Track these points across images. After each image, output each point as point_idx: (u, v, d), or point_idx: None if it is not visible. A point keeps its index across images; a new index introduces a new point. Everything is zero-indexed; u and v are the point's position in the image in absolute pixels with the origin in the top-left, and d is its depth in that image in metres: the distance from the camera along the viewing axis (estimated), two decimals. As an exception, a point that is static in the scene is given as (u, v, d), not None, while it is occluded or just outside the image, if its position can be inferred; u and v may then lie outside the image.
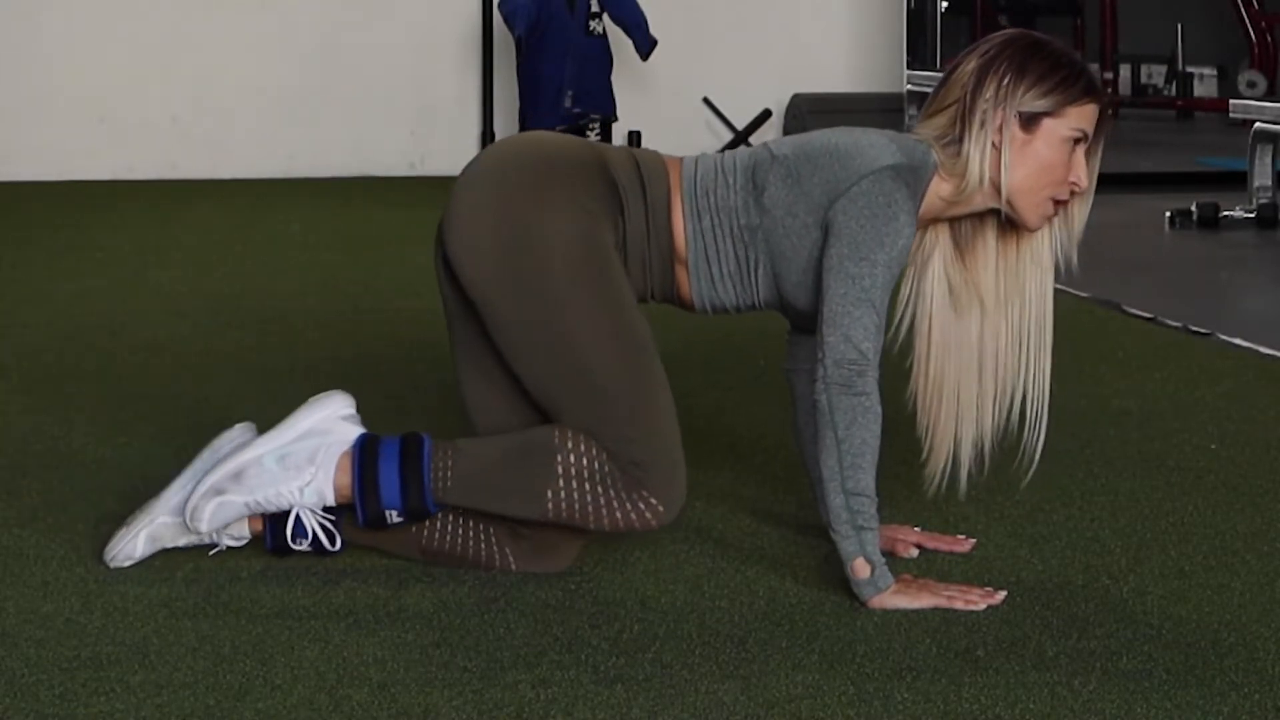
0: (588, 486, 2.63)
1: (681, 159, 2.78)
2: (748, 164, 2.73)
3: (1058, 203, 2.72)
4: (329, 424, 2.73)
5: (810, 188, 2.67)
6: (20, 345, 4.58)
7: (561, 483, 2.64)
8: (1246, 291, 5.99)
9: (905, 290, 2.80)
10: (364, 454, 2.69)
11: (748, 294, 2.75)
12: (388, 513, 2.69)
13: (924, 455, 2.82)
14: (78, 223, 7.24)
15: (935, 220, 2.77)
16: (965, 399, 2.80)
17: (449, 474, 2.67)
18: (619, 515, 2.64)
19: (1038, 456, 2.80)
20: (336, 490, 2.70)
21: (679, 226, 2.72)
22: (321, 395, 2.77)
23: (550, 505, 2.64)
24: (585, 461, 2.63)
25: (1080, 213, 2.77)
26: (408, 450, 2.68)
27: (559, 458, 2.63)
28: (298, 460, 2.70)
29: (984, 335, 2.79)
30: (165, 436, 3.56)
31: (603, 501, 2.63)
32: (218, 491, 2.70)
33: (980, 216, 2.77)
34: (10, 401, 3.93)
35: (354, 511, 2.72)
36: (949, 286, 2.79)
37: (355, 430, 2.74)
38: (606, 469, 2.63)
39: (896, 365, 2.82)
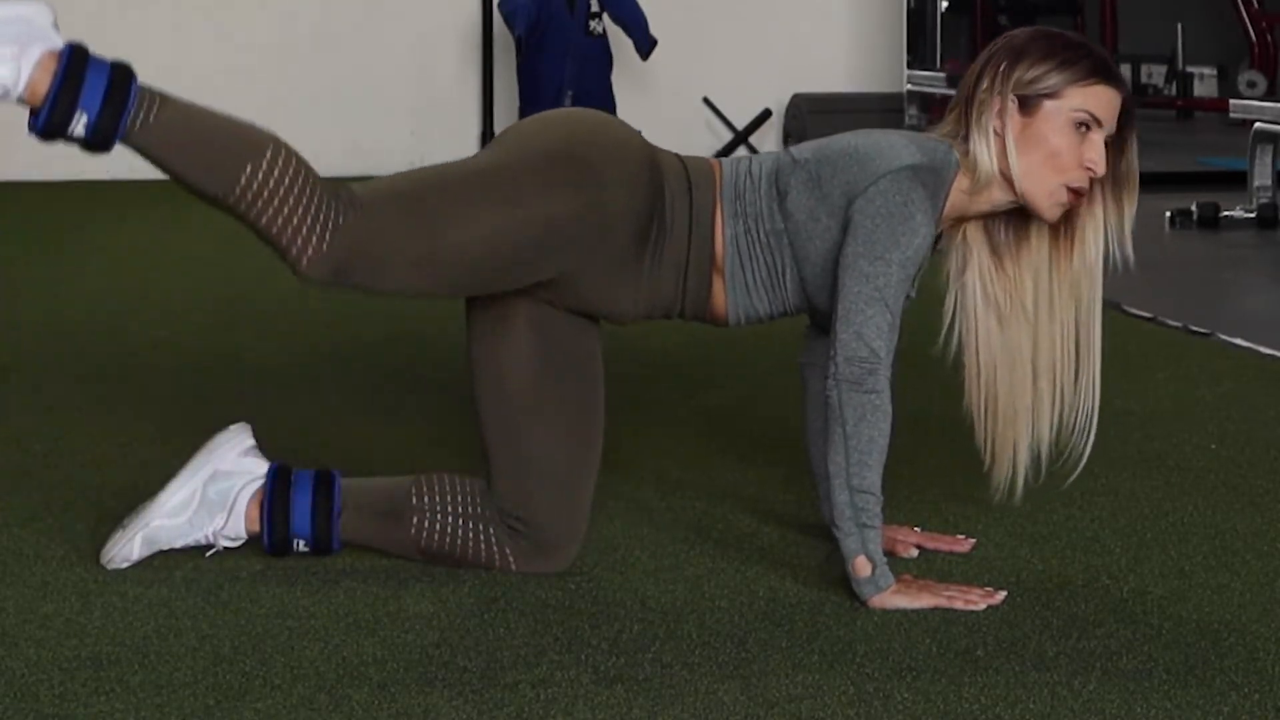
0: (285, 184, 2.55)
1: (721, 161, 2.78)
2: (771, 169, 2.73)
3: (1074, 192, 2.70)
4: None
5: (830, 190, 2.67)
6: (20, 345, 4.58)
7: (264, 167, 2.55)
8: (1246, 291, 5.99)
9: (949, 303, 2.79)
10: (71, 64, 2.54)
11: (779, 300, 2.75)
12: (77, 116, 2.54)
13: (986, 465, 2.81)
14: (78, 223, 7.24)
15: (963, 218, 2.75)
16: (1022, 407, 2.78)
17: (151, 113, 2.57)
18: (296, 220, 2.55)
19: (1085, 460, 2.80)
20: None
21: (719, 233, 2.72)
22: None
23: (239, 188, 2.54)
24: (295, 165, 2.56)
25: (1128, 208, 2.73)
26: (118, 75, 2.56)
27: (270, 149, 2.56)
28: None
29: (1039, 346, 2.77)
30: (165, 436, 3.56)
31: (292, 202, 2.55)
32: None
33: (1021, 227, 2.76)
34: (10, 401, 3.93)
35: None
36: (990, 299, 2.77)
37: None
38: (313, 183, 2.57)
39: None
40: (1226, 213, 7.00)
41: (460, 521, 2.75)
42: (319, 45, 8.92)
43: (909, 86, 9.14)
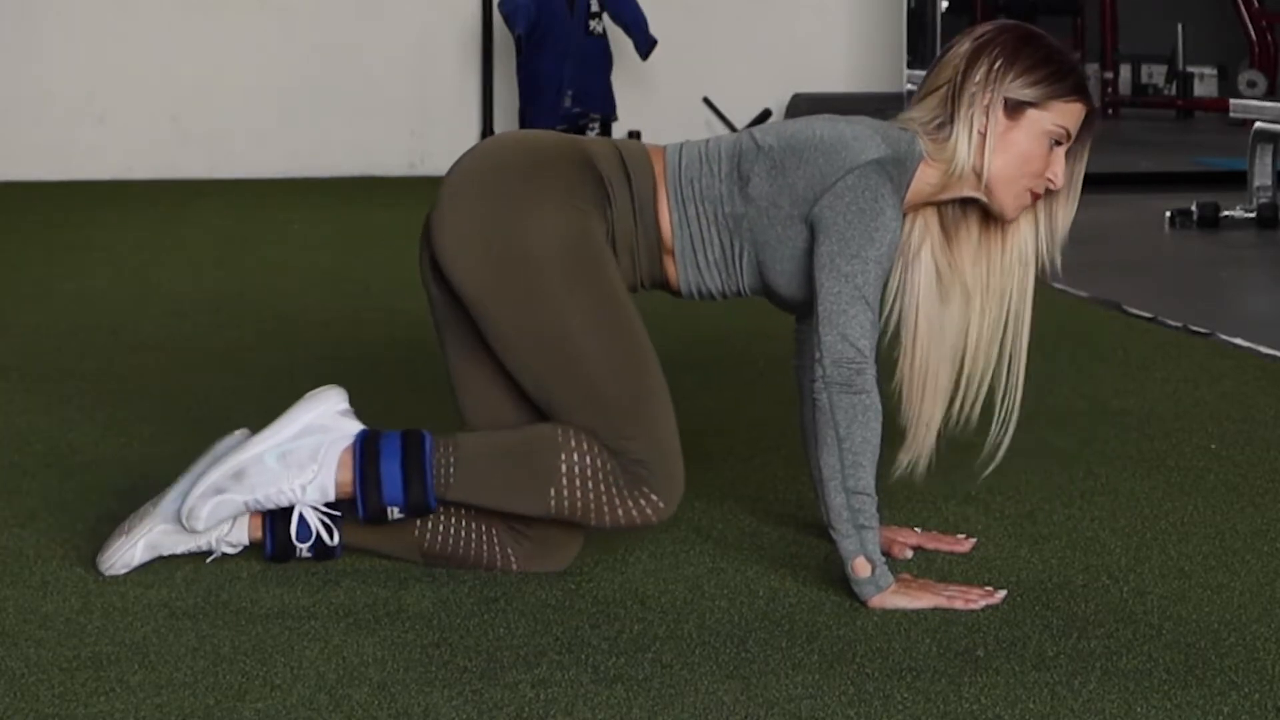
0: (590, 485, 2.64)
1: (665, 148, 2.79)
2: (733, 152, 2.74)
3: (1035, 195, 2.72)
4: (327, 419, 2.72)
5: (795, 180, 2.68)
6: (20, 345, 4.58)
7: (564, 480, 2.64)
8: (1246, 291, 5.99)
9: (894, 281, 2.80)
10: (365, 450, 2.69)
11: (733, 281, 2.76)
12: (389, 509, 2.68)
13: (906, 442, 2.81)
14: (78, 223, 7.24)
15: (923, 208, 2.77)
16: (944, 387, 2.80)
17: (451, 470, 2.67)
18: (620, 512, 2.65)
19: (1001, 454, 2.80)
20: (338, 486, 2.70)
21: (665, 216, 2.73)
22: (317, 391, 2.76)
23: (553, 503, 2.65)
24: (589, 459, 2.64)
25: (1064, 215, 2.77)
26: (410, 446, 2.68)
27: (562, 456, 2.64)
28: (300, 457, 2.69)
29: (968, 325, 2.79)
30: (165, 436, 3.56)
31: (605, 499, 2.64)
32: (218, 490, 2.68)
33: (963, 208, 2.78)
34: (10, 401, 3.93)
35: (355, 507, 2.71)
36: (937, 275, 2.79)
37: (355, 425, 2.73)
38: (609, 466, 2.64)
39: (884, 356, 2.81)
40: (1226, 213, 7.00)
41: (464, 523, 2.75)
42: (319, 45, 8.92)
43: (909, 86, 9.13)
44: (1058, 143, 2.70)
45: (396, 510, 2.69)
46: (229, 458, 2.70)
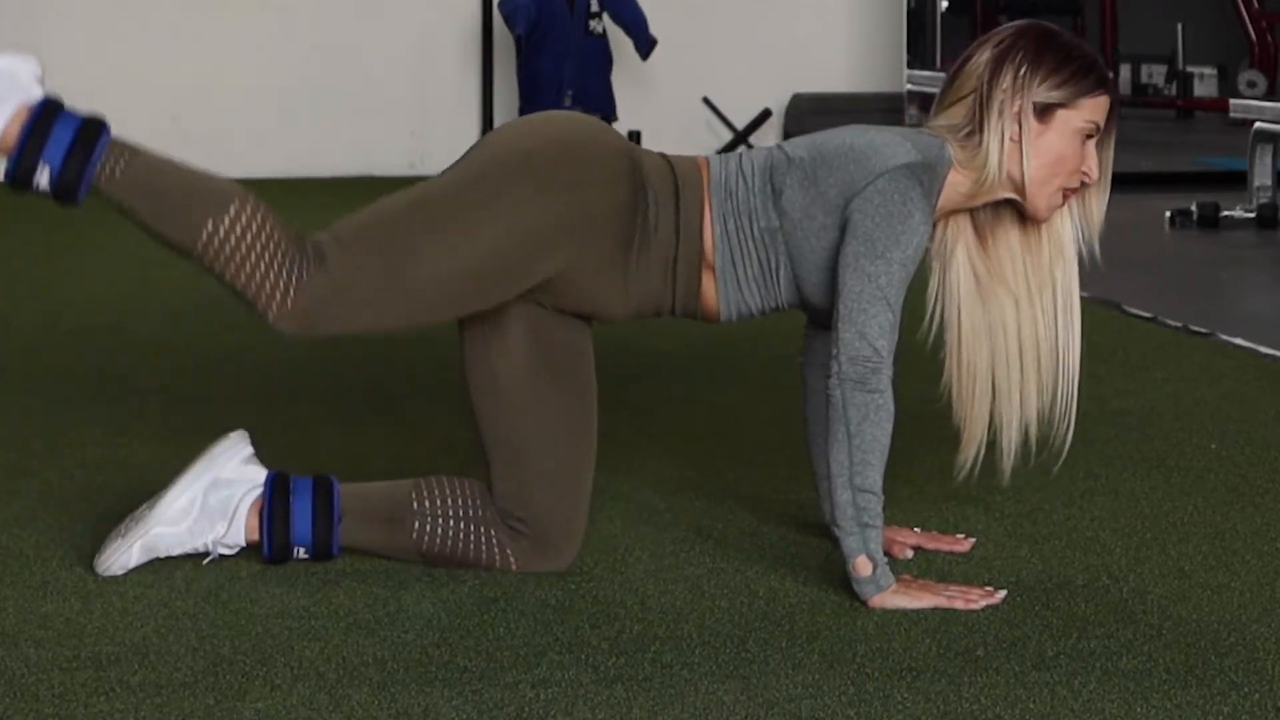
0: (249, 239, 2.61)
1: (708, 159, 2.78)
2: (765, 166, 2.73)
3: (1067, 192, 2.74)
4: (21, 74, 2.64)
5: (826, 189, 2.68)
6: (20, 345, 4.58)
7: (228, 222, 2.61)
8: (1246, 291, 5.99)
9: (933, 284, 2.80)
10: (44, 113, 2.60)
11: (771, 296, 2.76)
12: (40, 168, 2.60)
13: (962, 444, 2.81)
14: (78, 223, 7.23)
15: (955, 212, 2.77)
16: (1001, 387, 2.79)
17: (120, 166, 2.63)
18: (259, 277, 2.61)
19: (1068, 445, 2.80)
20: (3, 137, 2.61)
21: (708, 231, 2.72)
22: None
23: (204, 235, 2.61)
24: (260, 219, 2.62)
25: (1098, 204, 2.79)
26: (88, 127, 2.62)
27: (237, 203, 2.62)
28: None
29: (1021, 323, 2.79)
30: (165, 436, 3.56)
31: (256, 259, 2.61)
32: None
33: (996, 209, 2.78)
34: (10, 401, 3.93)
35: (9, 163, 2.61)
36: (975, 277, 2.80)
37: (39, 92, 2.64)
38: (277, 237, 2.61)
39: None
40: (1226, 213, 7.01)
41: (461, 525, 2.75)
42: (319, 45, 8.92)
43: (909, 86, 9.14)
44: (1089, 137, 2.71)
45: (45, 177, 2.62)
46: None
